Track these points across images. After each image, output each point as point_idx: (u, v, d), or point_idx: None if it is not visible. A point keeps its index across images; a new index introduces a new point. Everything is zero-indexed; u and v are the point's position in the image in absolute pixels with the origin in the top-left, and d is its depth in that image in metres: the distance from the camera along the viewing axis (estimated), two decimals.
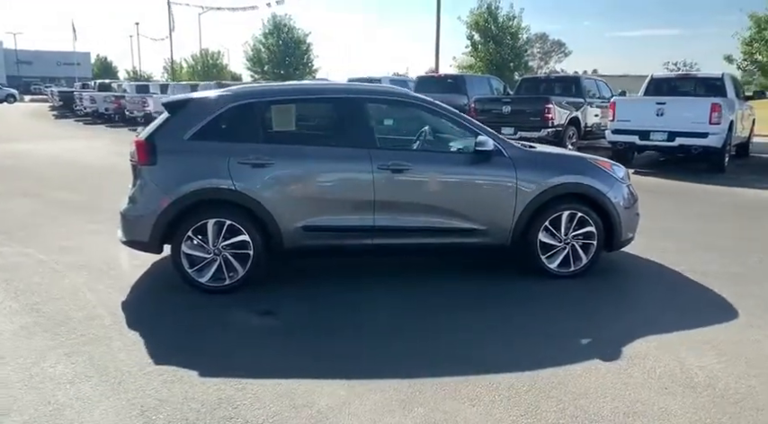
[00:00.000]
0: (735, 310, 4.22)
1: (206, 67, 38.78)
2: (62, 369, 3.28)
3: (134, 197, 4.47)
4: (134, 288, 4.63)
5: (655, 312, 4.22)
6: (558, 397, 3.00)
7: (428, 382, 3.14)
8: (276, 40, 30.53)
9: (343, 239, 4.60)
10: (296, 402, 2.94)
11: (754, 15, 16.54)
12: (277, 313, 4.15)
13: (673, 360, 3.41)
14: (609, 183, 4.84)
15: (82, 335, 3.73)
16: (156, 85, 27.80)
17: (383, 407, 2.91)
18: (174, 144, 4.40)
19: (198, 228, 4.37)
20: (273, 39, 30.59)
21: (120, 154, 15.08)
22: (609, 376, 3.22)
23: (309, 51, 31.73)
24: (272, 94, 4.73)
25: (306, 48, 31.55)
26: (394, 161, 4.54)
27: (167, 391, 3.05)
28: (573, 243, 4.81)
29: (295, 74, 30.45)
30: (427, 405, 2.92)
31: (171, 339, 3.73)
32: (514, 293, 4.61)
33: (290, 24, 30.97)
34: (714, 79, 12.21)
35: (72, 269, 5.08)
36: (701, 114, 10.61)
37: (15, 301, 4.33)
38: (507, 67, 22.92)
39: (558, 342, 3.69)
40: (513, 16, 23.60)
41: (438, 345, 3.68)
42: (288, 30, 30.97)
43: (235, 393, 3.04)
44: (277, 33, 30.68)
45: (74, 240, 6.11)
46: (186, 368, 3.28)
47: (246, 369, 3.28)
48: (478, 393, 3.04)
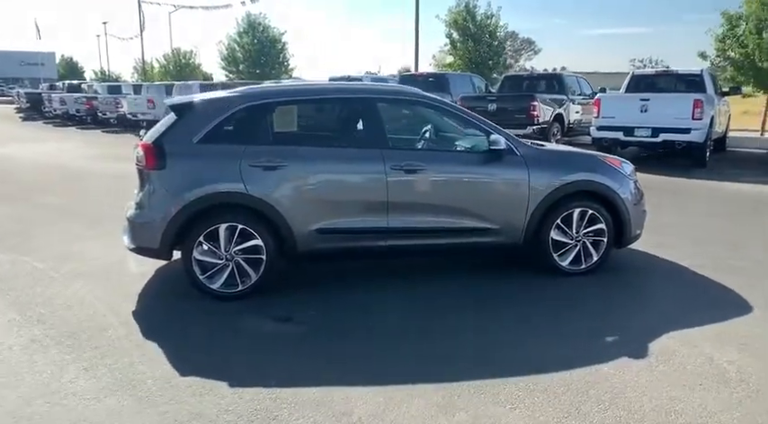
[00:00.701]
0: (747, 304, 4.28)
1: (178, 67, 38.12)
2: (84, 384, 3.15)
3: (142, 202, 4.34)
4: (142, 296, 4.49)
5: (670, 307, 4.26)
6: (596, 397, 2.99)
7: (463, 386, 3.11)
8: (251, 39, 30.14)
9: (357, 241, 4.53)
10: (335, 411, 2.88)
11: (726, 13, 16.93)
12: (294, 319, 4.06)
13: (699, 356, 3.43)
14: (618, 180, 4.88)
15: (96, 347, 3.60)
16: (129, 86, 27.21)
17: (425, 413, 2.86)
18: (183, 147, 4.27)
19: (209, 233, 4.25)
20: (248, 38, 30.20)
21: (97, 156, 14.77)
22: (641, 374, 3.23)
23: (285, 50, 31.45)
24: (281, 95, 4.63)
25: (281, 47, 31.24)
26: (407, 161, 4.49)
27: (199, 403, 2.96)
28: (584, 241, 4.83)
29: (271, 73, 30.07)
30: (468, 410, 2.89)
31: (191, 348, 3.62)
32: (526, 292, 4.61)
33: (265, 23, 30.72)
34: (693, 75, 12.44)
35: (73, 278, 4.91)
36: (683, 110, 10.81)
37: (18, 313, 4.17)
38: (486, 65, 23.08)
39: (580, 341, 3.69)
40: (491, 14, 23.84)
41: (460, 347, 3.64)
42: (263, 29, 30.62)
43: (270, 403, 2.96)
44: (252, 32, 30.30)
45: (69, 246, 5.92)
46: (214, 379, 3.19)
47: (276, 378, 3.21)
48: (516, 395, 3.02)
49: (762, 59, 15.87)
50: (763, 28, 15.78)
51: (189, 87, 23.34)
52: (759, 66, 16.06)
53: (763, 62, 15.86)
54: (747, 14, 16.20)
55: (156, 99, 22.07)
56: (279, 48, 31.03)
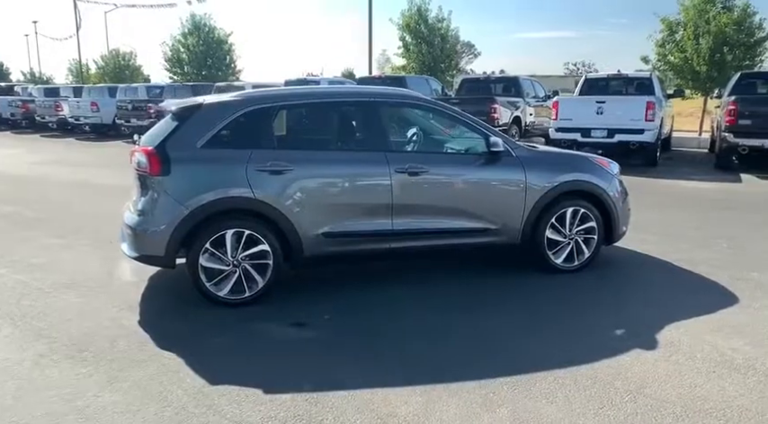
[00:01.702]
0: (732, 293, 4.56)
1: (117, 69, 36.70)
2: (111, 398, 3.05)
3: (145, 209, 4.21)
4: (143, 306, 4.36)
5: (664, 300, 4.48)
6: (623, 388, 3.13)
7: (496, 382, 3.19)
8: (197, 40, 29.41)
9: (363, 244, 4.55)
10: (379, 413, 2.90)
11: (665, 19, 17.87)
12: (309, 324, 4.04)
13: (705, 345, 3.64)
14: (607, 180, 5.10)
15: (112, 360, 3.48)
16: (68, 88, 26.04)
17: (467, 410, 2.92)
18: (187, 152, 4.18)
19: (215, 240, 4.18)
20: (194, 39, 29.45)
21: (43, 162, 14.10)
22: (658, 364, 3.40)
23: (232, 52, 30.85)
24: (285, 99, 4.59)
25: (228, 49, 30.63)
26: (411, 164, 4.55)
27: (239, 411, 2.91)
28: (576, 239, 5.02)
29: (218, 75, 29.41)
30: (507, 406, 2.96)
31: (211, 357, 3.54)
32: (529, 289, 4.74)
33: (211, 24, 30.00)
34: (643, 79, 13.09)
35: (61, 289, 4.72)
36: (637, 112, 11.34)
37: (15, 327, 3.97)
38: (438, 68, 23.45)
39: (592, 335, 3.84)
40: (442, 18, 24.23)
41: (482, 344, 3.72)
42: (208, 29, 29.90)
43: (311, 407, 2.95)
44: (197, 33, 29.56)
45: (43, 256, 5.67)
46: (245, 386, 3.15)
47: (308, 382, 3.19)
48: (549, 389, 3.12)
49: (699, 64, 16.84)
50: (700, 34, 16.76)
51: (134, 89, 22.64)
52: (697, 70, 17.03)
53: (701, 66, 16.84)
54: (686, 21, 17.16)
55: (99, 102, 21.29)
56: (226, 49, 30.40)
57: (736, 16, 16.65)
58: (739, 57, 16.81)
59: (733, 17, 16.63)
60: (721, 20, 16.46)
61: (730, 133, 10.73)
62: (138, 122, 19.36)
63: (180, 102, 4.67)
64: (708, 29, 16.57)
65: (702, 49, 16.56)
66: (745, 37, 16.78)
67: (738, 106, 10.57)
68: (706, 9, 16.80)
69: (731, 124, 10.65)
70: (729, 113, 10.66)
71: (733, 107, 10.61)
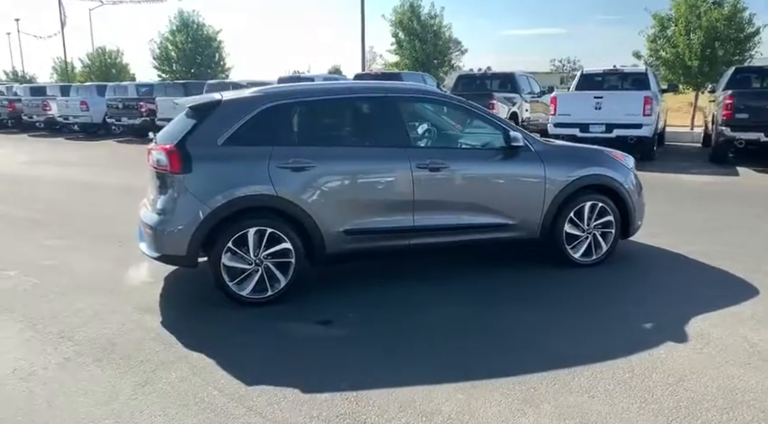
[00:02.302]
0: (752, 286, 4.58)
1: (104, 67, 36.20)
2: (146, 400, 2.99)
3: (166, 208, 4.13)
4: (162, 307, 4.29)
5: (687, 293, 4.49)
6: (662, 381, 3.13)
7: (534, 378, 3.17)
8: (185, 38, 29.08)
9: (384, 241, 4.52)
10: (422, 410, 2.87)
11: (657, 15, 18.01)
12: (334, 322, 4.00)
13: (734, 336, 3.65)
14: (624, 173, 5.11)
15: (141, 361, 3.42)
16: (55, 87, 25.64)
17: (511, 407, 2.90)
18: (208, 150, 4.11)
19: (237, 238, 4.12)
20: (182, 36, 29.11)
21: (33, 162, 13.91)
22: (692, 357, 3.40)
23: (221, 49, 30.55)
24: (304, 94, 4.53)
25: (217, 46, 30.32)
26: (431, 159, 4.52)
27: (281, 412, 2.87)
28: (594, 233, 5.02)
29: (207, 73, 29.12)
30: (550, 401, 2.95)
31: (241, 357, 3.48)
32: (552, 284, 4.72)
33: (199, 21, 29.69)
34: (639, 73, 13.16)
35: (76, 291, 4.63)
36: (635, 107, 11.39)
37: (35, 330, 3.89)
38: (432, 65, 23.44)
39: (622, 329, 3.84)
40: (434, 15, 24.22)
41: (511, 338, 3.71)
42: (197, 26, 29.58)
43: (352, 406, 2.91)
44: (186, 30, 29.22)
45: (53, 258, 5.56)
46: (282, 386, 3.10)
47: (344, 381, 3.15)
48: (589, 384, 3.11)
49: (691, 58, 16.97)
50: (692, 29, 16.90)
51: (124, 88, 22.37)
52: (689, 65, 17.16)
53: (693, 61, 16.97)
54: (677, 17, 17.28)
55: (89, 101, 21.00)
56: (215, 46, 30.11)
57: (726, 12, 16.80)
58: (730, 51, 16.98)
59: (723, 12, 16.78)
60: (712, 15, 16.61)
61: (727, 127, 10.81)
62: (130, 121, 19.17)
63: (197, 99, 4.60)
64: (699, 24, 16.71)
65: (694, 45, 16.70)
66: (735, 32, 16.94)
67: (735, 100, 10.65)
68: (697, 5, 16.94)
69: (728, 118, 10.73)
70: (726, 107, 10.73)
71: (730, 101, 10.68)
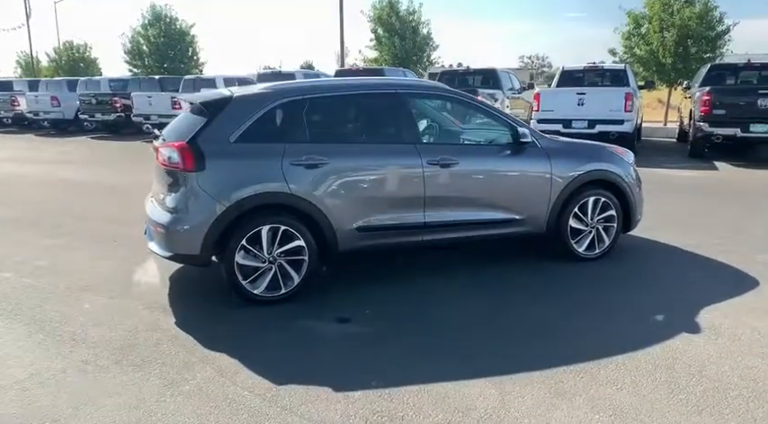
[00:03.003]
0: (751, 277, 4.72)
1: (71, 61, 35.20)
2: (175, 402, 2.94)
3: (178, 206, 4.05)
4: (174, 307, 4.21)
5: (691, 285, 4.59)
6: (685, 371, 3.20)
7: (561, 371, 3.21)
8: (158, 32, 28.47)
9: (396, 238, 4.52)
10: (458, 406, 2.88)
11: (631, 13, 18.36)
12: (353, 319, 3.98)
13: (744, 327, 3.75)
14: (625, 168, 5.20)
15: (162, 363, 3.35)
16: (23, 82, 24.85)
17: (544, 400, 2.93)
18: (221, 147, 4.05)
19: (251, 236, 4.07)
20: (154, 30, 28.49)
21: (10, 160, 13.48)
22: (708, 347, 3.49)
23: (194, 44, 29.97)
24: (314, 91, 4.48)
25: (190, 41, 29.75)
26: (441, 155, 4.53)
27: (316, 411, 2.85)
28: (597, 227, 5.11)
29: (180, 67, 28.59)
30: (581, 394, 2.99)
31: (265, 357, 3.44)
32: (557, 278, 4.80)
33: (172, 15, 29.08)
34: (618, 70, 13.39)
35: (79, 292, 4.52)
36: (617, 103, 11.60)
37: (45, 333, 3.78)
38: (411, 61, 23.47)
39: (636, 321, 3.91)
40: (413, 11, 24.21)
41: (532, 331, 3.75)
42: (169, 20, 28.98)
43: (386, 403, 2.91)
44: (158, 24, 28.60)
45: (45, 259, 5.42)
46: (313, 385, 3.08)
47: (374, 378, 3.15)
48: (614, 376, 3.16)
49: (665, 56, 17.35)
50: (665, 27, 17.27)
51: (96, 83, 21.84)
52: (662, 62, 17.54)
53: (666, 58, 17.35)
54: (651, 15, 17.64)
55: (59, 96, 20.48)
56: (188, 41, 29.56)
57: (698, 10, 17.20)
58: (702, 49, 17.41)
59: (695, 11, 17.19)
60: (684, 13, 17.00)
61: (705, 123, 11.08)
62: (104, 117, 18.74)
63: (204, 96, 4.52)
64: (672, 22, 17.08)
65: (668, 42, 17.07)
66: (706, 30, 17.36)
67: (713, 97, 10.92)
68: (670, 3, 17.32)
69: (706, 114, 11.00)
70: (704, 103, 11.00)
71: (708, 97, 10.95)
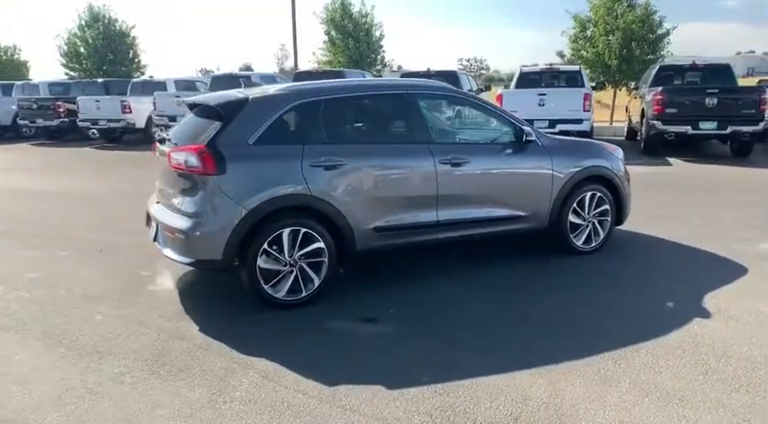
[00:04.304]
0: (736, 262, 5.02)
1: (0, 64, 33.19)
2: (230, 408, 2.88)
3: (198, 211, 3.94)
4: (191, 313, 4.10)
5: (686, 274, 4.83)
6: (711, 353, 3.38)
7: (599, 359, 3.33)
8: (96, 33, 27.29)
9: (412, 237, 4.56)
10: (514, 397, 2.95)
11: (577, 16, 19.11)
12: (379, 319, 4.00)
13: (748, 310, 3.99)
14: (617, 164, 5.44)
15: (203, 371, 3.28)
16: None
17: (593, 387, 3.04)
18: (240, 149, 3.97)
19: (272, 240, 4.02)
20: (93, 32, 27.28)
21: None
22: (723, 330, 3.70)
23: (135, 45, 28.92)
24: (329, 92, 4.46)
25: (131, 42, 28.67)
26: (452, 154, 4.61)
27: (377, 409, 2.86)
28: (593, 221, 5.32)
29: (121, 70, 27.50)
30: (625, 379, 3.11)
31: (305, 359, 3.40)
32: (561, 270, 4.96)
33: (110, 15, 27.90)
34: (573, 72, 13.92)
35: (84, 303, 4.34)
36: (576, 103, 12.07)
37: (64, 347, 3.61)
38: (365, 63, 23.49)
39: (651, 309, 4.09)
40: (365, 13, 24.25)
41: (556, 322, 3.88)
42: (108, 21, 27.83)
43: (445, 398, 2.95)
44: (97, 25, 27.39)
45: (35, 271, 5.15)
46: (365, 384, 3.09)
47: (422, 374, 3.18)
48: (649, 361, 3.31)
49: (610, 58, 18.13)
50: (610, 30, 18.05)
51: (35, 87, 20.79)
52: (608, 64, 18.33)
53: (612, 60, 18.14)
54: (596, 19, 18.41)
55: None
56: (128, 42, 28.48)
57: (639, 13, 18.08)
58: (645, 51, 18.30)
59: (637, 14, 18.06)
60: (628, 17, 17.83)
61: (658, 121, 11.65)
62: (47, 123, 17.86)
63: (218, 97, 4.42)
64: (617, 25, 17.88)
65: (613, 45, 17.85)
66: (647, 33, 18.26)
67: (665, 96, 11.51)
68: (614, 7, 18.12)
69: (659, 112, 11.58)
70: (657, 103, 11.57)
71: (661, 97, 11.53)
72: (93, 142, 17.67)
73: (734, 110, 11.20)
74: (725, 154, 12.21)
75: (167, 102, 15.47)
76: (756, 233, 6.00)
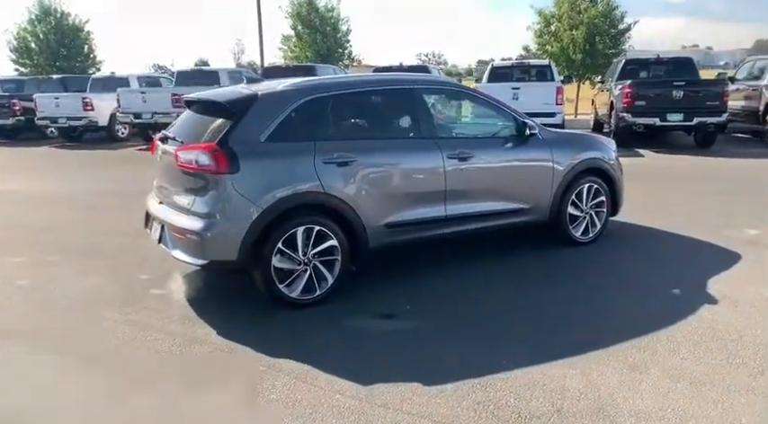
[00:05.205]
0: (727, 249, 5.20)
1: None
2: (271, 413, 2.82)
3: (212, 211, 3.82)
4: (204, 318, 3.97)
5: (684, 261, 4.97)
6: (727, 338, 3.49)
7: (623, 348, 3.39)
8: (48, 28, 26.17)
9: (422, 232, 4.55)
10: (551, 387, 2.98)
11: (542, 12, 19.44)
12: (396, 315, 3.98)
13: (753, 295, 4.13)
14: (611, 156, 5.55)
15: (231, 374, 3.21)
16: None
17: (624, 375, 3.09)
18: (253, 147, 3.88)
19: (286, 238, 3.94)
20: (44, 26, 26.15)
21: None
22: (734, 315, 3.82)
23: (90, 40, 27.85)
24: (338, 87, 4.39)
25: (86, 37, 27.62)
26: (459, 149, 4.62)
27: (419, 406, 2.84)
28: (590, 213, 5.42)
29: (75, 66, 26.51)
30: (653, 367, 3.18)
31: (329, 359, 3.34)
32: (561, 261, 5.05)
33: (63, 9, 26.78)
34: (543, 66, 14.14)
35: (84, 309, 4.19)
36: (549, 96, 12.28)
37: (75, 354, 3.49)
38: (333, 58, 23.29)
39: (657, 296, 4.20)
40: (332, 7, 24.02)
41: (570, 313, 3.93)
42: (61, 15, 26.74)
43: (484, 393, 2.95)
44: (48, 20, 26.26)
45: (27, 277, 4.95)
46: (400, 382, 3.06)
47: (454, 370, 3.17)
48: (672, 348, 3.38)
49: (575, 52, 18.51)
50: (574, 25, 18.42)
51: None
52: (573, 58, 18.71)
53: (577, 54, 18.52)
54: (560, 14, 18.76)
55: None
56: (83, 37, 27.45)
57: (602, 9, 18.51)
58: (608, 45, 18.76)
59: (599, 10, 18.48)
60: (591, 12, 18.23)
61: (628, 113, 11.96)
62: (1, 121, 17.05)
63: (225, 94, 4.30)
64: (581, 20, 18.26)
65: (577, 39, 18.23)
66: (610, 28, 18.72)
67: (634, 89, 11.83)
68: (577, 2, 18.50)
69: (628, 105, 11.89)
70: (627, 96, 11.88)
71: (630, 90, 11.84)
72: (52, 141, 17.04)
73: (699, 103, 11.59)
74: (689, 144, 12.63)
75: (132, 99, 15.00)
76: (741, 219, 6.23)
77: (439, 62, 77.85)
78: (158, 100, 14.63)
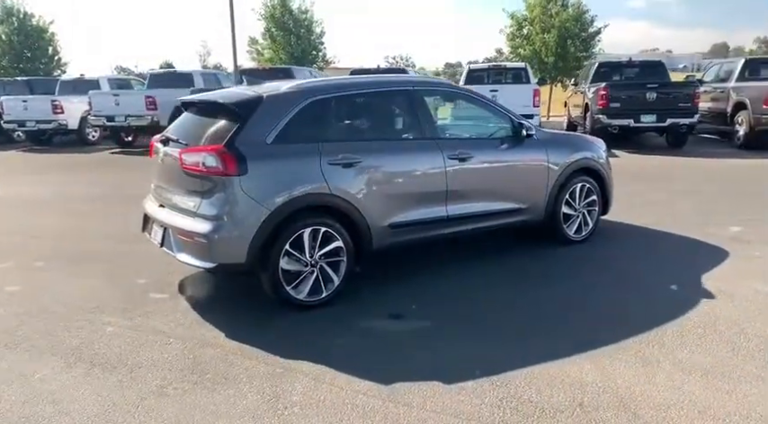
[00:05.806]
0: (715, 246, 5.37)
1: None
2: (296, 415, 2.79)
3: (219, 213, 3.77)
4: (212, 321, 3.91)
5: (677, 258, 5.10)
6: (730, 330, 3.59)
7: (630, 343, 3.46)
8: (11, 29, 25.37)
9: (423, 232, 4.57)
10: (570, 382, 3.03)
11: (514, 15, 19.73)
12: (404, 315, 3.99)
13: (748, 289, 4.26)
14: (602, 156, 5.67)
15: (250, 377, 3.16)
16: None
17: (639, 369, 3.16)
18: (260, 149, 3.84)
19: (294, 240, 3.92)
20: (6, 27, 25.32)
21: None
22: (730, 309, 3.94)
23: (54, 42, 27.07)
24: (341, 89, 4.38)
25: (50, 39, 26.83)
26: (459, 150, 4.66)
27: (443, 404, 2.85)
28: (583, 212, 5.52)
29: (40, 68, 25.80)
30: (664, 360, 3.26)
31: (344, 360, 3.33)
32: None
33: (26, 10, 25.98)
34: (519, 68, 14.35)
35: (86, 315, 4.07)
36: (526, 98, 12.48)
37: (82, 361, 3.38)
38: (307, 59, 23.17)
39: (657, 292, 4.31)
40: (305, 9, 23.92)
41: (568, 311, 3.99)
42: (24, 16, 25.94)
43: (506, 390, 2.98)
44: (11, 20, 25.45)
45: (17, 283, 4.81)
46: (418, 381, 3.07)
47: (469, 368, 3.20)
48: (677, 342, 3.47)
49: (547, 55, 18.84)
50: (546, 29, 18.75)
51: None
52: (545, 61, 19.04)
53: (549, 57, 18.85)
54: (532, 18, 19.07)
55: None
56: (47, 39, 26.72)
57: (572, 12, 18.89)
58: (579, 48, 19.14)
59: (570, 13, 18.86)
60: (562, 16, 18.59)
61: (603, 115, 12.23)
62: None
63: (229, 95, 4.25)
64: (552, 23, 18.60)
65: (549, 42, 18.55)
66: (580, 31, 19.11)
67: (609, 91, 12.11)
68: (548, 6, 18.84)
69: (604, 107, 12.16)
70: (602, 97, 12.15)
71: (605, 92, 12.11)
72: (19, 145, 16.58)
73: (672, 104, 11.93)
74: (661, 145, 12.99)
75: (104, 102, 14.66)
76: (722, 217, 6.43)
77: (407, 64, 78.21)
78: (132, 102, 14.34)
